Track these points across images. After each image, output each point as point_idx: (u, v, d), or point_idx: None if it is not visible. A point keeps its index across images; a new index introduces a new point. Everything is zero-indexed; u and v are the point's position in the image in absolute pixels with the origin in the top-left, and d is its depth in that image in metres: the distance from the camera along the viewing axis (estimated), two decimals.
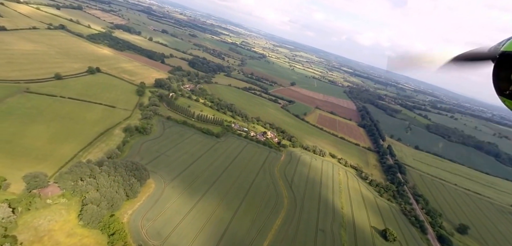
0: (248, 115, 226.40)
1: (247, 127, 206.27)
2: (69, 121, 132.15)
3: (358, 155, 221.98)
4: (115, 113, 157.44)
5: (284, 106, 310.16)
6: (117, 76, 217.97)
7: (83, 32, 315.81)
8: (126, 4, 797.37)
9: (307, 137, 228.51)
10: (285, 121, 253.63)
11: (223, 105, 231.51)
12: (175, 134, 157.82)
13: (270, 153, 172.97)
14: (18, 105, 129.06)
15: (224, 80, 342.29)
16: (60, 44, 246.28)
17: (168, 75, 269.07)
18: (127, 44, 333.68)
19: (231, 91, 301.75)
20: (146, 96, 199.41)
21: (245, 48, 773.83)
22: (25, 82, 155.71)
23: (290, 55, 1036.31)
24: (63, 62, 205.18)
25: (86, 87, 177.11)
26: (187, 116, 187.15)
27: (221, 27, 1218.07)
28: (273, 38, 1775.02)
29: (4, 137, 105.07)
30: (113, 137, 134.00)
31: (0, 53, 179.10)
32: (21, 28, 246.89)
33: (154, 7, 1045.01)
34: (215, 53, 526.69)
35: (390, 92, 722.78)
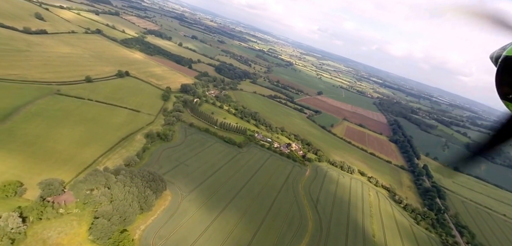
0: (272, 125, 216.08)
1: (271, 137, 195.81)
2: (94, 125, 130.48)
3: (390, 174, 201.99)
4: (138, 118, 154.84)
5: (310, 116, 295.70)
6: (145, 80, 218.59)
7: (117, 36, 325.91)
8: (161, 11, 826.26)
9: (334, 150, 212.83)
10: (311, 132, 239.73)
11: (247, 113, 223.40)
12: (196, 142, 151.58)
13: (294, 167, 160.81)
14: (47, 107, 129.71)
15: (250, 87, 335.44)
16: (94, 47, 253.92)
17: (194, 80, 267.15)
18: (158, 49, 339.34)
19: (256, 99, 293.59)
20: (171, 101, 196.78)
21: (272, 56, 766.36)
22: (57, 84, 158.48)
23: (317, 63, 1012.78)
24: (95, 65, 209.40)
25: (114, 91, 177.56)
26: (210, 124, 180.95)
27: (250, 34, 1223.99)
28: (301, 46, 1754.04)
29: (29, 139, 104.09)
30: (134, 142, 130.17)
31: (38, 55, 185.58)
32: (61, 32, 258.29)
33: (187, 14, 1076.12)
34: (242, 59, 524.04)
35: (423, 106, 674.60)
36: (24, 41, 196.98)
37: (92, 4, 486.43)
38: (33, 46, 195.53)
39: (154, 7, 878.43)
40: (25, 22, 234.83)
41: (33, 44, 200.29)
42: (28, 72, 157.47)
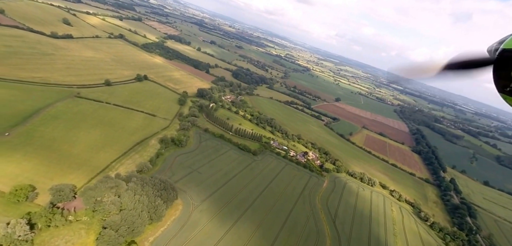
0: (288, 132, 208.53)
1: (287, 144, 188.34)
2: (109, 128, 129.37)
3: (414, 187, 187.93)
4: (154, 123, 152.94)
5: (327, 123, 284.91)
6: (162, 84, 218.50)
7: (138, 41, 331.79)
8: (182, 17, 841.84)
9: (353, 160, 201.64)
10: (328, 141, 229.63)
11: (262, 119, 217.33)
12: (210, 148, 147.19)
13: (311, 177, 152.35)
14: (66, 110, 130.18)
15: (266, 93, 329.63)
16: (116, 52, 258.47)
17: (211, 85, 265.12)
18: (176, 54, 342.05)
19: (272, 105, 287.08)
20: (187, 106, 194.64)
21: (289, 61, 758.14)
22: (78, 87, 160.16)
23: (335, 69, 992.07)
24: (115, 69, 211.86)
25: (132, 95, 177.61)
26: (225, 130, 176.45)
27: (267, 40, 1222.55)
28: (318, 52, 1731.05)
29: (45, 143, 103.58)
30: (148, 147, 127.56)
31: (62, 58, 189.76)
32: (86, 37, 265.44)
33: (206, 20, 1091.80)
34: (259, 64, 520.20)
35: (447, 114, 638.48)
36: (51, 45, 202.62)
37: (117, 10, 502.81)
38: (58, 50, 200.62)
39: (176, 13, 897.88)
40: (53, 27, 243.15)
41: (59, 48, 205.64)
42: (51, 75, 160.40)
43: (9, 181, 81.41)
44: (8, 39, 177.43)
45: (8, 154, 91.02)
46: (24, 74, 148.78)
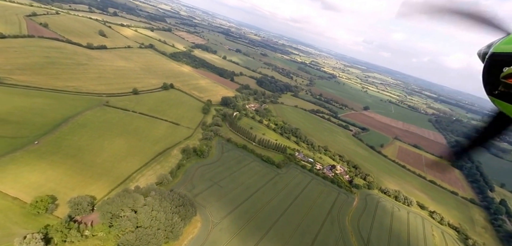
0: (314, 143, 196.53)
1: (313, 157, 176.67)
2: (133, 138, 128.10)
3: (458, 209, 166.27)
4: (177, 132, 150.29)
5: (356, 134, 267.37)
6: (188, 93, 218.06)
7: (167, 50, 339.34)
8: (209, 27, 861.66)
9: (386, 176, 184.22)
10: (357, 153, 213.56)
11: (287, 129, 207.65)
12: (232, 159, 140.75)
13: (340, 194, 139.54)
14: (93, 119, 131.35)
15: (291, 101, 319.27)
16: (145, 61, 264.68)
17: (235, 93, 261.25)
18: (203, 62, 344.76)
19: (297, 113, 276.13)
20: (211, 115, 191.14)
21: (314, 68, 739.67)
22: (107, 95, 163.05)
23: (362, 76, 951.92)
24: (143, 78, 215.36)
25: (157, 103, 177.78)
26: (248, 140, 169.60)
27: (292, 47, 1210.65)
28: (344, 58, 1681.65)
29: (71, 151, 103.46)
30: (170, 158, 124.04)
31: (95, 68, 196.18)
32: (118, 47, 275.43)
33: (233, 29, 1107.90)
34: (284, 72, 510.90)
35: None
36: (85, 56, 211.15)
37: (149, 22, 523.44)
38: (92, 60, 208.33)
39: (204, 23, 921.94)
40: (90, 39, 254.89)
41: (93, 58, 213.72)
42: (84, 84, 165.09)
43: (32, 191, 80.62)
44: (48, 50, 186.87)
45: (35, 162, 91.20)
46: (59, 84, 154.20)
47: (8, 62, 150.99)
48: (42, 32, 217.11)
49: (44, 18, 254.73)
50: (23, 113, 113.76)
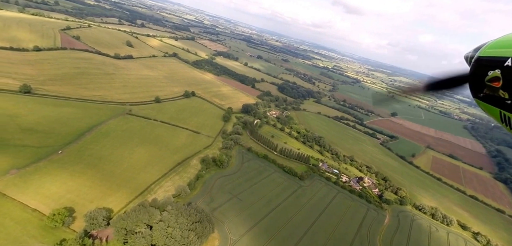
0: (339, 153, 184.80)
1: (338, 167, 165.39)
2: (154, 147, 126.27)
3: (506, 229, 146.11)
4: (197, 140, 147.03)
5: (384, 142, 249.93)
6: (209, 100, 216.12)
7: (190, 59, 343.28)
8: (231, 35, 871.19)
9: (420, 190, 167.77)
10: (387, 163, 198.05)
11: (310, 137, 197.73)
12: (253, 170, 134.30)
13: (369, 210, 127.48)
14: (116, 127, 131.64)
15: (313, 107, 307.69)
16: (169, 69, 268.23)
17: (256, 100, 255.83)
18: (224, 69, 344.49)
19: (320, 121, 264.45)
20: (231, 122, 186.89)
21: (337, 73, 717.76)
22: (130, 104, 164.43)
23: (387, 80, 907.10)
24: (166, 86, 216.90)
25: (179, 111, 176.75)
26: (269, 149, 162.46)
27: (314, 52, 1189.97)
28: (368, 62, 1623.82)
29: (92, 161, 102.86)
30: (189, 168, 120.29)
31: (121, 77, 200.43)
32: (144, 57, 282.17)
33: (254, 36, 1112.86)
34: (306, 77, 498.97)
35: None
36: (112, 66, 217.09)
37: (174, 31, 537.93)
38: (118, 70, 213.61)
39: (226, 31, 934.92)
40: (117, 49, 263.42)
41: (119, 68, 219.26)
42: (109, 94, 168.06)
43: (51, 202, 79.62)
44: (78, 61, 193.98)
45: (56, 172, 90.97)
46: (86, 93, 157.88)
47: (41, 73, 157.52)
48: (74, 44, 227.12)
49: (77, 31, 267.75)
50: (50, 122, 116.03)
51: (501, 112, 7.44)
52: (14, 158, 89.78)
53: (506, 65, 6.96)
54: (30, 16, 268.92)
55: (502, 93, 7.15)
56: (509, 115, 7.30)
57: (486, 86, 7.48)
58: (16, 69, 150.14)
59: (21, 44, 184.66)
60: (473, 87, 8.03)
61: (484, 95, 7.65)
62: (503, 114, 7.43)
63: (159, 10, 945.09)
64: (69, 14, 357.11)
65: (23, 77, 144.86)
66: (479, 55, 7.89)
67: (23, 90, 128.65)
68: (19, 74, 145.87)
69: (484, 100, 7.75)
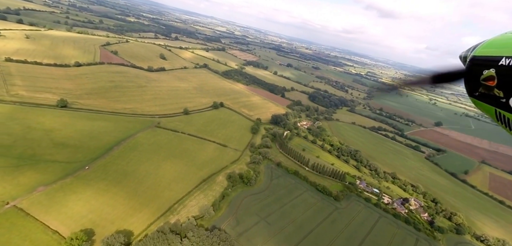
0: (379, 169, 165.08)
1: (379, 186, 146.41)
2: (179, 162, 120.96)
3: None
4: (224, 154, 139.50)
5: (430, 156, 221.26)
6: (237, 111, 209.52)
7: (220, 69, 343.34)
8: (261, 44, 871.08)
9: (479, 214, 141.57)
10: (435, 182, 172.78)
11: (345, 151, 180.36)
12: (282, 188, 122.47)
13: (419, 240, 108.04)
14: (144, 141, 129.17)
15: (347, 117, 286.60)
16: (199, 80, 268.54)
17: (286, 110, 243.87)
18: (253, 79, 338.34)
19: (355, 132, 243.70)
20: (260, 134, 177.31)
21: (371, 79, 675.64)
22: (159, 116, 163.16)
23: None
24: (195, 97, 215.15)
25: (206, 123, 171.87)
26: (300, 164, 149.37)
27: (345, 58, 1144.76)
28: (404, 67, 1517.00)
29: (117, 177, 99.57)
30: (215, 185, 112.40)
31: (152, 89, 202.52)
32: (175, 68, 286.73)
33: (284, 44, 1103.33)
34: (338, 85, 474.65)
35: None
36: (145, 78, 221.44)
37: (205, 43, 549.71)
38: (150, 82, 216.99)
39: (256, 41, 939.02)
40: (151, 62, 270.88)
41: (151, 80, 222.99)
42: (140, 106, 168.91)
43: (72, 223, 76.06)
44: (113, 75, 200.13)
45: (81, 190, 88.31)
46: (118, 106, 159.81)
47: (78, 88, 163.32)
48: (112, 59, 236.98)
49: (115, 46, 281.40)
50: (81, 137, 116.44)
51: (496, 111, 7.47)
52: (43, 174, 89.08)
53: (500, 64, 6.98)
54: (76, 34, 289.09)
55: (497, 92, 7.19)
56: (504, 113, 7.29)
57: (481, 85, 7.55)
58: (57, 84, 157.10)
59: (65, 60, 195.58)
60: (469, 86, 8.11)
61: (480, 94, 7.71)
62: (498, 113, 7.44)
63: (193, 23, 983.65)
64: (111, 31, 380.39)
65: (62, 91, 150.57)
66: (474, 55, 7.97)
67: (60, 104, 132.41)
68: (59, 89, 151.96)
69: (479, 99, 7.82)
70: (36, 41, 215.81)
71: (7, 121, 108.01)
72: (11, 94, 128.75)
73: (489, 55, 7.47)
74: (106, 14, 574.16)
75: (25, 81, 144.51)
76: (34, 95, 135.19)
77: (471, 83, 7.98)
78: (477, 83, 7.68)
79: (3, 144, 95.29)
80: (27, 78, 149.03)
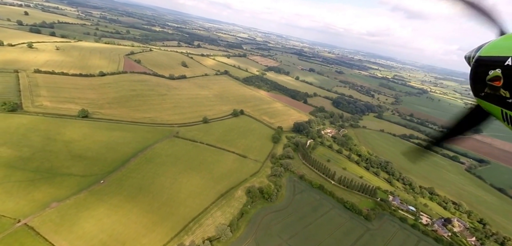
0: (413, 183, 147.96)
1: (415, 203, 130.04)
2: (197, 175, 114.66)
3: None
4: (243, 166, 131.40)
5: (470, 168, 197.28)
6: (258, 119, 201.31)
7: (240, 75, 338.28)
8: (282, 49, 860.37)
9: None
10: (480, 198, 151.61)
11: (374, 162, 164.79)
12: (306, 204, 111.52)
13: None
14: (161, 152, 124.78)
15: (375, 124, 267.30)
16: (219, 87, 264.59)
17: (309, 117, 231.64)
18: (274, 85, 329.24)
19: (384, 140, 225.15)
20: (281, 144, 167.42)
21: (399, 83, 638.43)
22: (179, 125, 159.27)
23: (461, 89, 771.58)
24: (215, 104, 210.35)
25: (226, 132, 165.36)
26: (325, 177, 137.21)
27: (370, 62, 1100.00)
28: (434, 70, 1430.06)
29: (132, 192, 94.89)
30: (233, 201, 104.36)
31: (172, 98, 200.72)
32: (196, 76, 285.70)
33: (306, 49, 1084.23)
34: (363, 90, 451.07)
35: None
36: (166, 86, 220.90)
37: (227, 50, 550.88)
38: (171, 90, 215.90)
39: (278, 46, 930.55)
40: (173, 70, 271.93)
41: (172, 88, 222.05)
42: (159, 115, 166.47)
43: (83, 243, 71.50)
44: (135, 84, 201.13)
45: (94, 206, 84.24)
46: (138, 115, 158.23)
47: (101, 97, 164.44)
48: (135, 68, 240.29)
49: (139, 55, 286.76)
50: (99, 148, 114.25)
51: (503, 111, 7.38)
52: (57, 189, 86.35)
53: (506, 65, 6.93)
54: (103, 45, 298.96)
55: (503, 92, 7.13)
56: (511, 113, 7.17)
57: (487, 85, 7.49)
58: (80, 94, 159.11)
59: (90, 70, 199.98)
60: (475, 87, 8.06)
61: (485, 94, 7.67)
62: (505, 113, 7.34)
63: (215, 31, 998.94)
64: (136, 41, 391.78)
65: (85, 101, 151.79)
66: (480, 55, 7.93)
67: (81, 115, 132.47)
68: (82, 99, 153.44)
69: (485, 100, 7.77)
70: (65, 52, 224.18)
71: (28, 132, 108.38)
72: (35, 105, 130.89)
73: (495, 55, 7.32)
74: (133, 24, 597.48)
75: (50, 92, 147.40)
76: (57, 106, 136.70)
77: (476, 84, 7.91)
78: (483, 83, 7.60)
79: (22, 156, 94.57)
80: (52, 89, 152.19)
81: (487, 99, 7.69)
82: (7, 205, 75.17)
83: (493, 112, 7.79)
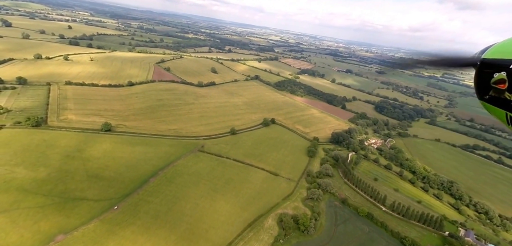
0: (489, 210, 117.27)
1: (498, 240, 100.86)
2: (221, 198, 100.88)
3: None
4: (274, 186, 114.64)
5: None
6: (290, 128, 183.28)
7: (272, 80, 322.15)
8: (316, 50, 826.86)
9: None
10: None
11: (434, 181, 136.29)
12: (352, 238, 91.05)
13: None
14: (183, 170, 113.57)
15: (427, 132, 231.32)
16: (249, 94, 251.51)
17: (349, 125, 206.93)
18: (308, 89, 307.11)
19: (442, 152, 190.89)
20: (318, 158, 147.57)
21: (451, 82, 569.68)
22: (204, 138, 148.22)
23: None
24: (244, 113, 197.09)
25: (255, 145, 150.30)
26: (374, 201, 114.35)
27: None
28: None
29: (145, 222, 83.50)
30: (262, 233, 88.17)
31: (199, 107, 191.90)
32: (225, 82, 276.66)
33: (341, 49, 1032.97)
34: (409, 91, 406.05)
35: None
36: (194, 95, 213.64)
37: (258, 53, 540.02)
38: (198, 99, 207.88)
39: (311, 47, 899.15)
40: (202, 77, 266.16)
41: (200, 96, 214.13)
42: (184, 127, 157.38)
43: None
44: (162, 93, 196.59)
45: (103, 240, 74.23)
46: (162, 127, 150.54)
47: (126, 108, 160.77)
48: (164, 76, 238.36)
49: (169, 63, 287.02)
50: (118, 166, 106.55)
51: (507, 114, 7.30)
52: (66, 217, 78.27)
53: (511, 68, 6.87)
54: (135, 54, 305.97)
55: (508, 95, 7.06)
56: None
57: (492, 88, 7.39)
58: (107, 105, 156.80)
59: (120, 80, 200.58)
60: (479, 89, 7.98)
61: (490, 97, 7.61)
62: (509, 116, 7.24)
63: (247, 35, 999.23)
64: (169, 48, 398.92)
65: (111, 113, 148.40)
66: (485, 58, 7.78)
67: (104, 129, 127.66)
68: (108, 111, 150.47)
69: (489, 102, 7.71)
70: (98, 63, 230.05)
71: (48, 150, 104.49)
72: (60, 119, 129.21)
73: (500, 58, 7.17)
74: (168, 33, 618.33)
75: (76, 105, 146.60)
76: (82, 119, 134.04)
77: (481, 86, 7.77)
78: (487, 86, 7.44)
79: (37, 178, 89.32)
80: (80, 101, 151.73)
81: (491, 102, 7.59)
82: (10, 238, 68.16)
83: (498, 115, 7.61)
